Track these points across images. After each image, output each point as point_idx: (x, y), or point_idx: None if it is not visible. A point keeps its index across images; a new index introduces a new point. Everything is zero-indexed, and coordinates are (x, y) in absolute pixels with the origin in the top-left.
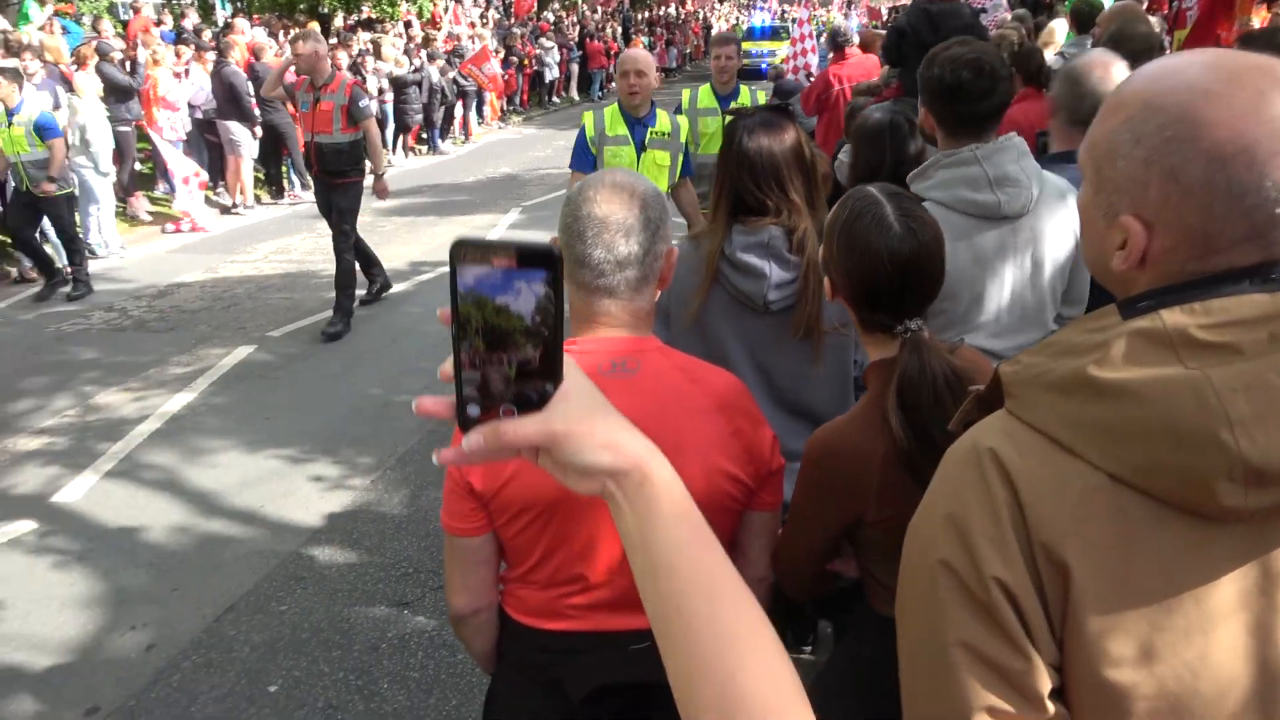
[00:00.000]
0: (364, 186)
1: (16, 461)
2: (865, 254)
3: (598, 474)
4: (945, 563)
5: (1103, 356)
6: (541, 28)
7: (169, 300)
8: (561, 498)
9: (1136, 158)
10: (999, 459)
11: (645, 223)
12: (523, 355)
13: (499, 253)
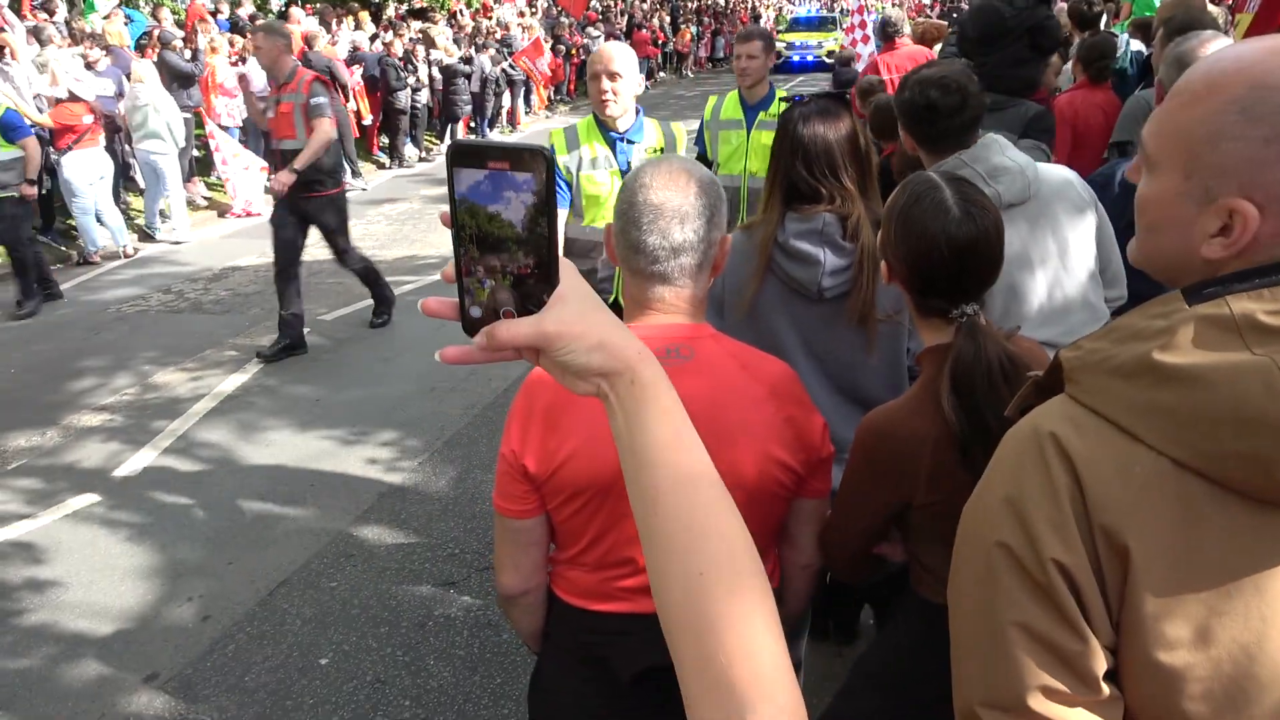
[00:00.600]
0: (345, 198)
1: (80, 437)
2: (922, 238)
3: (590, 374)
4: (1004, 544)
5: (1168, 342)
6: (590, 17)
7: (224, 284)
8: (615, 480)
9: (1254, 137)
10: (1060, 443)
11: (701, 209)
12: (517, 260)
13: (493, 155)
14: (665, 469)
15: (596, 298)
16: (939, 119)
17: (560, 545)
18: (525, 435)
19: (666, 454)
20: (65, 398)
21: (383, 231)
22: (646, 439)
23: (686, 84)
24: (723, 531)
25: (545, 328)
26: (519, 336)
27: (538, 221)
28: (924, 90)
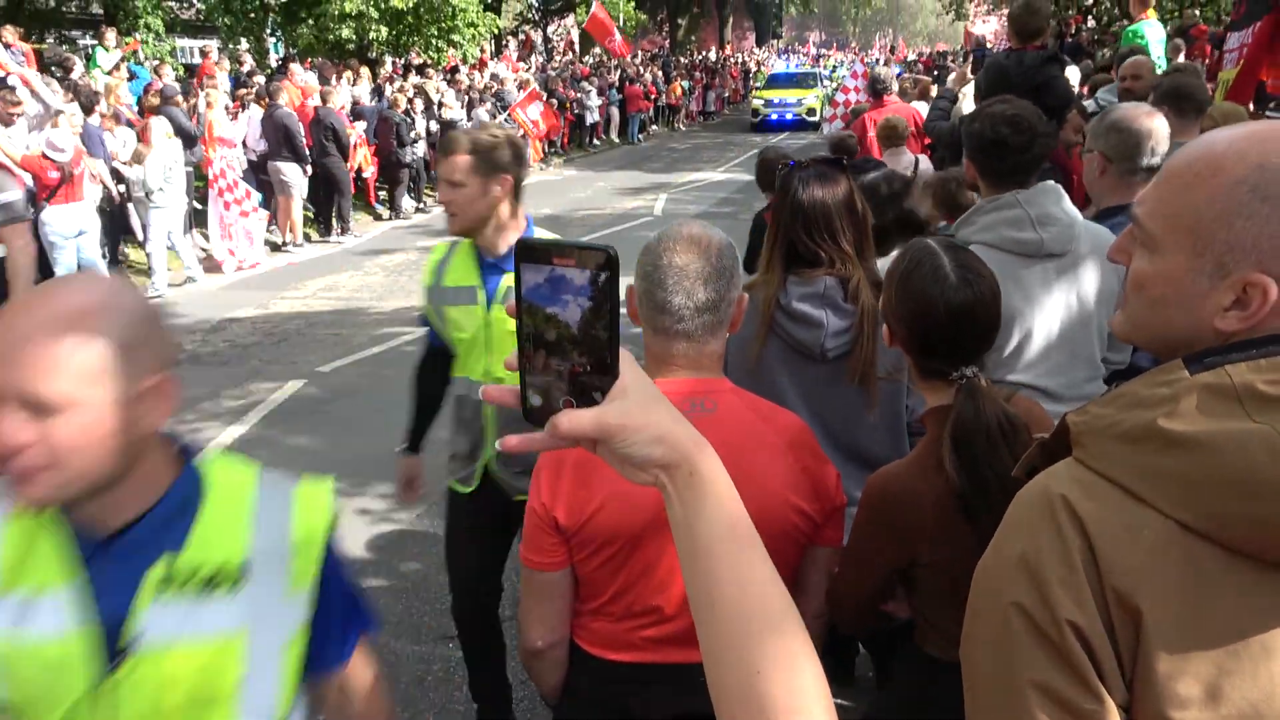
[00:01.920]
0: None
1: None
2: (921, 302)
3: (650, 466)
4: (1019, 604)
5: (1172, 409)
6: (581, 72)
7: (222, 335)
8: (645, 530)
9: (1267, 215)
10: (1071, 505)
11: (721, 270)
12: (581, 350)
13: (561, 253)
14: (724, 560)
15: (657, 390)
16: (1007, 154)
17: (584, 597)
18: (555, 488)
19: (724, 545)
20: None
21: (379, 282)
22: (705, 529)
23: (679, 136)
24: (780, 628)
25: (608, 420)
26: (583, 428)
27: (600, 315)
28: (995, 125)
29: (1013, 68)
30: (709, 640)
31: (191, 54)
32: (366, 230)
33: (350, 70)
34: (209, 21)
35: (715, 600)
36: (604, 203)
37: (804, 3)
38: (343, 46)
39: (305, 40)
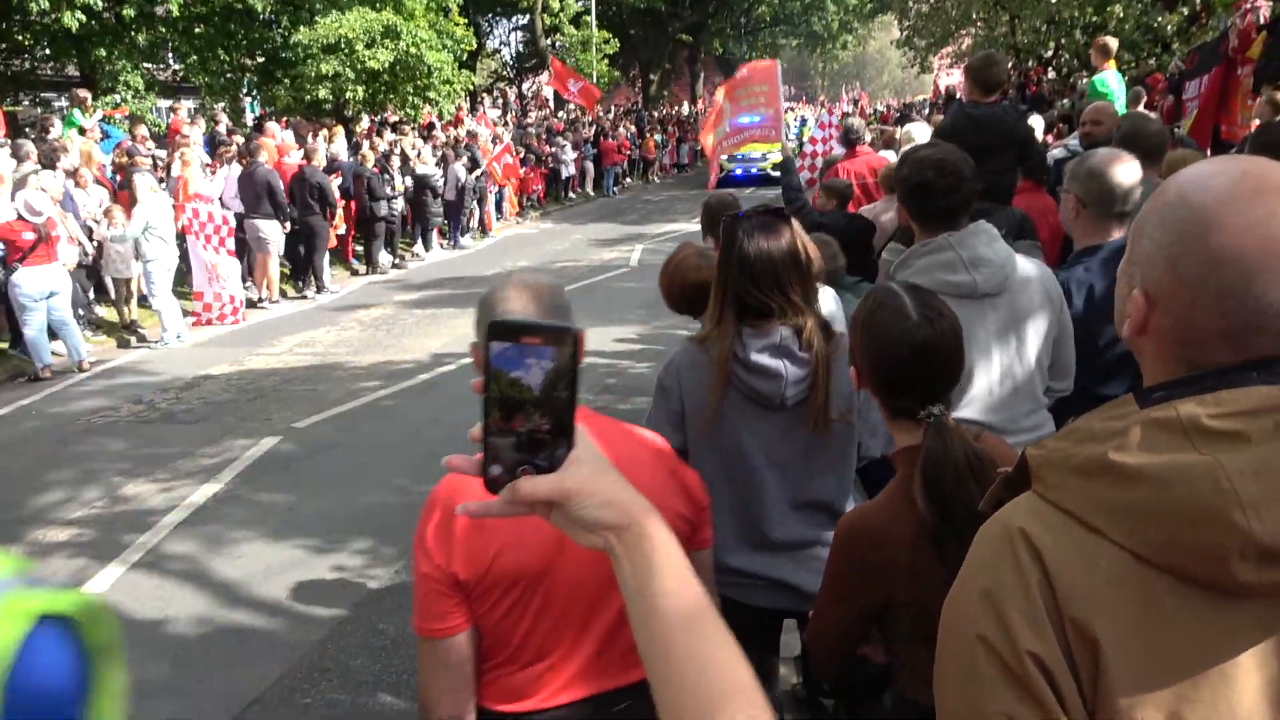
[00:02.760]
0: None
1: (45, 553)
2: (885, 341)
3: (600, 528)
4: (982, 637)
5: (1122, 443)
6: (555, 127)
7: (196, 392)
8: (547, 567)
9: (1156, 240)
10: (1029, 538)
11: (555, 309)
12: (538, 423)
13: (528, 331)
14: (675, 615)
15: (607, 461)
16: (933, 197)
17: (488, 654)
18: (447, 546)
19: (673, 600)
20: (30, 513)
21: (356, 337)
22: (654, 587)
23: (653, 189)
24: (731, 666)
25: (565, 484)
26: (540, 492)
27: (558, 389)
28: (921, 169)
29: (993, 117)
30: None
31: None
32: (343, 285)
33: (326, 129)
34: (186, 82)
35: (668, 654)
36: (581, 254)
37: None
38: (319, 106)
39: (283, 100)
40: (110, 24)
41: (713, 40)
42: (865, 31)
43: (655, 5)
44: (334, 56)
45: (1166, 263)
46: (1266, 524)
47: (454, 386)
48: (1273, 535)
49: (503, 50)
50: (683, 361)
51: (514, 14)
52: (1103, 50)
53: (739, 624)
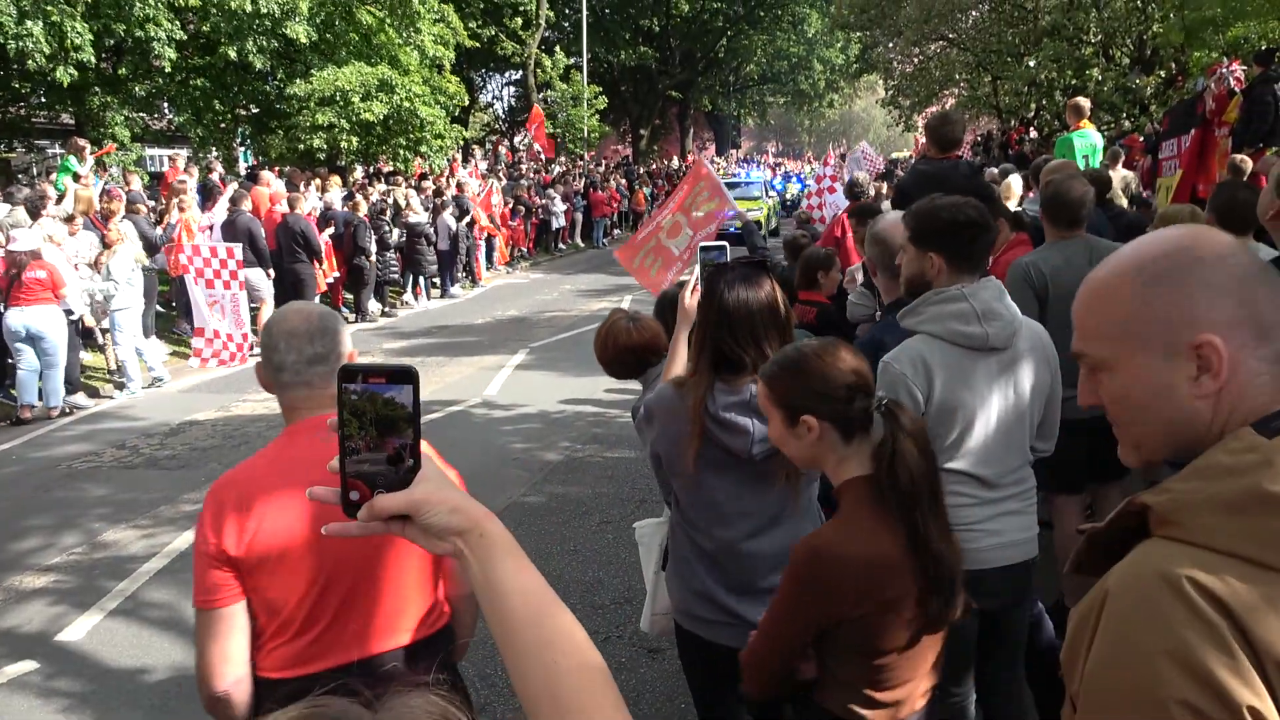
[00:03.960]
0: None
1: (22, 600)
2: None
3: (448, 534)
4: (1185, 703)
5: (1273, 472)
6: (545, 180)
7: (181, 438)
8: (308, 541)
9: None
10: (1202, 586)
11: (325, 330)
12: (388, 448)
13: (373, 372)
14: (516, 595)
15: (449, 477)
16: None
17: (263, 626)
18: (219, 526)
19: (514, 582)
20: (9, 558)
21: None
22: (497, 575)
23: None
24: (565, 627)
25: (414, 497)
26: (394, 505)
27: (404, 419)
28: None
29: (949, 173)
30: (513, 653)
31: (160, 162)
32: None
33: (319, 178)
34: (180, 133)
35: (512, 624)
36: (570, 304)
37: (761, 115)
38: (313, 155)
39: (276, 150)
40: (107, 75)
41: (702, 97)
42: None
43: (646, 62)
44: (330, 108)
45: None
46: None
47: (440, 435)
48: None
49: (495, 104)
50: (658, 406)
51: (506, 69)
52: (1075, 110)
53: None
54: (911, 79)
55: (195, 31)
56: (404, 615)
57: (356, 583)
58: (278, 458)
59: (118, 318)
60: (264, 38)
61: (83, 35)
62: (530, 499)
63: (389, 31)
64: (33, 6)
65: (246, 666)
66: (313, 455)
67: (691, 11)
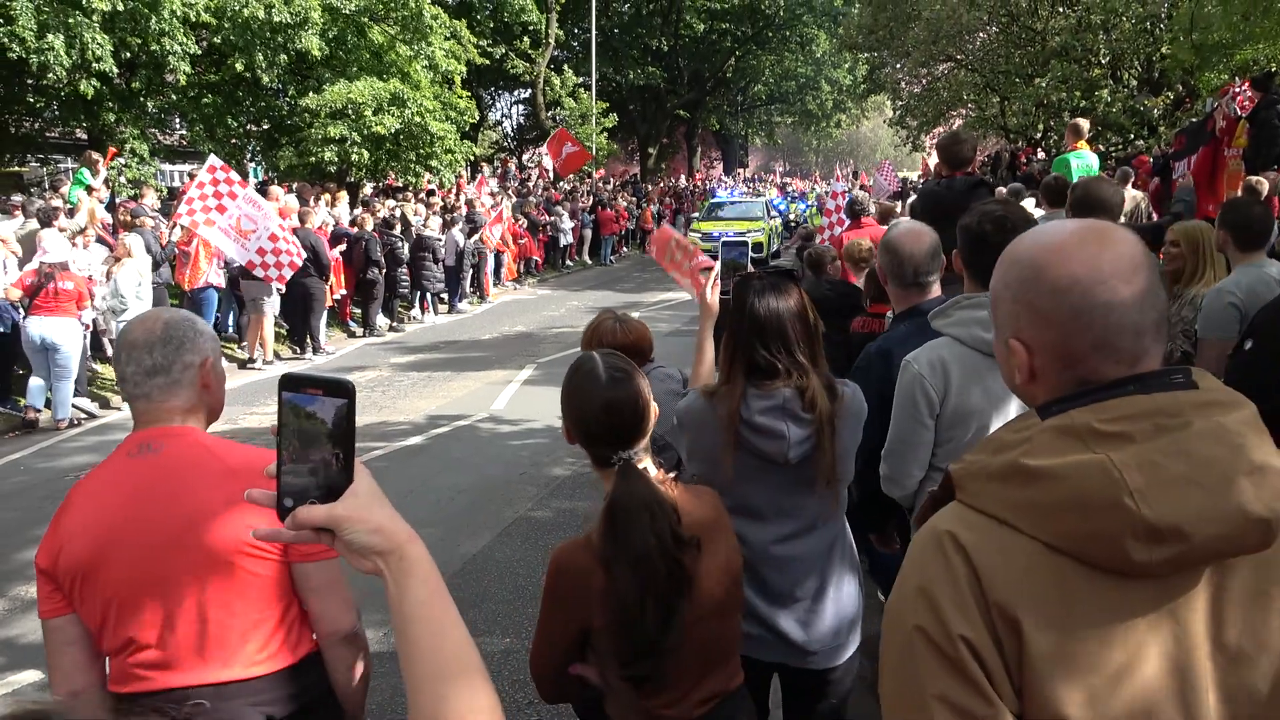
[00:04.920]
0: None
1: (26, 609)
2: (580, 398)
3: (369, 553)
4: (919, 628)
5: (1029, 449)
6: (554, 197)
7: None
8: (98, 562)
9: (1009, 298)
10: (955, 538)
11: (167, 339)
12: (321, 457)
13: (312, 384)
14: (420, 623)
15: (382, 495)
16: (986, 250)
17: (97, 639)
18: (47, 537)
19: (423, 610)
20: (14, 567)
21: None
22: (409, 601)
23: (649, 259)
24: (462, 663)
25: (336, 512)
26: (315, 518)
27: (338, 430)
28: (982, 222)
29: (944, 193)
30: (411, 679)
31: (173, 178)
32: (339, 347)
33: (328, 193)
34: (192, 147)
35: (414, 655)
36: (577, 320)
37: (768, 135)
38: (323, 169)
39: (287, 161)
40: (120, 90)
41: (710, 117)
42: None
43: (654, 82)
44: (341, 120)
45: (1026, 311)
46: (1152, 506)
47: (446, 449)
48: (1158, 515)
49: (504, 122)
50: (688, 418)
51: (516, 88)
52: (1074, 131)
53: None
54: (919, 99)
55: (209, 47)
56: (226, 647)
57: (155, 610)
58: (95, 473)
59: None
60: (275, 52)
61: (103, 46)
62: (537, 513)
63: (400, 49)
64: (54, 19)
65: (81, 681)
66: (113, 475)
67: (700, 32)
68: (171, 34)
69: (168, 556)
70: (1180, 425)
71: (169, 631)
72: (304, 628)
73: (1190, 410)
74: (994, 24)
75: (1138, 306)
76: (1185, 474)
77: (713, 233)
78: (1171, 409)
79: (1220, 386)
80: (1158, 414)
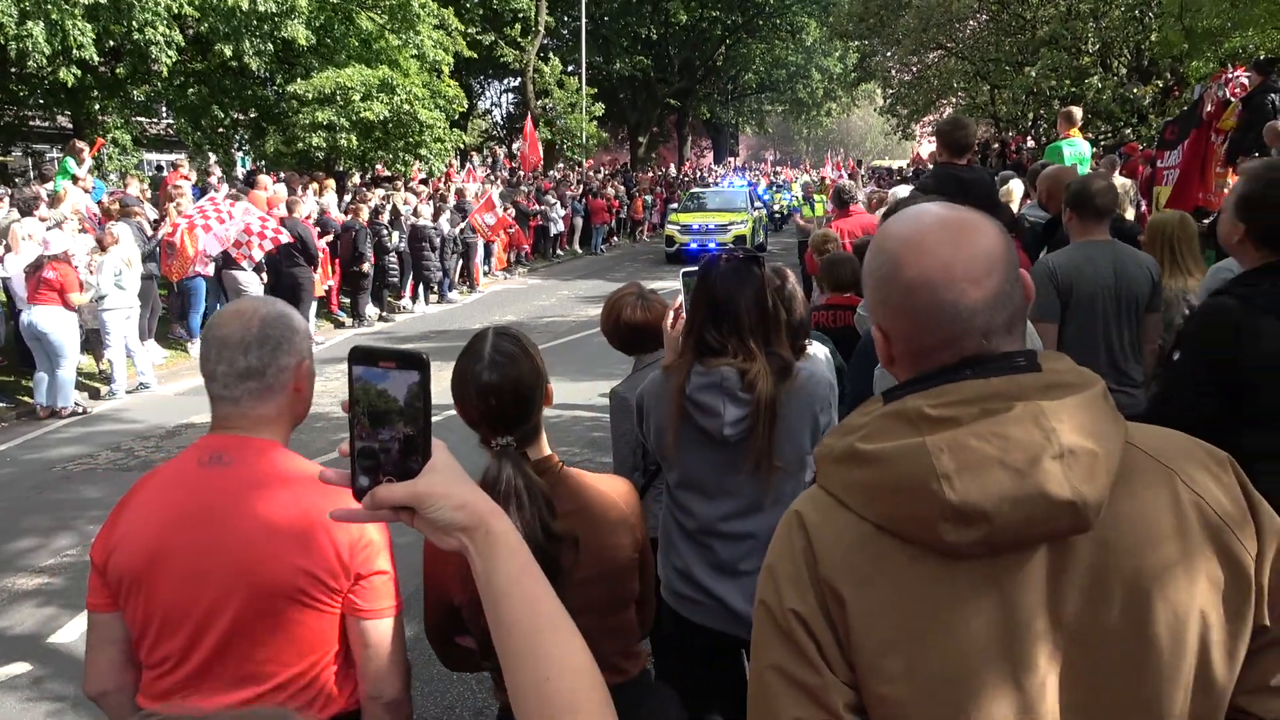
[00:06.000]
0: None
1: (14, 601)
2: (462, 381)
3: (453, 530)
4: (762, 601)
5: (865, 433)
6: (544, 186)
7: (177, 441)
8: (143, 574)
9: (872, 287)
10: (801, 517)
11: (263, 339)
12: (397, 433)
13: (384, 356)
14: (515, 598)
15: (462, 470)
16: None
17: (136, 644)
18: (104, 529)
19: (514, 586)
20: (1, 559)
21: (340, 388)
22: (499, 576)
23: (640, 248)
24: (562, 639)
25: (418, 489)
26: (396, 496)
27: (413, 404)
28: None
29: (966, 175)
30: (507, 659)
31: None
32: (328, 338)
33: (316, 182)
34: (177, 137)
35: (509, 626)
36: (567, 310)
37: (759, 123)
38: (310, 156)
39: (273, 149)
40: (105, 78)
41: (700, 105)
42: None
43: (644, 71)
44: (329, 106)
45: (882, 303)
46: (958, 490)
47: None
48: (963, 499)
49: (494, 111)
50: (649, 391)
51: (505, 76)
52: (1066, 118)
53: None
54: (910, 88)
55: (194, 36)
56: (259, 686)
57: (196, 632)
58: (164, 471)
59: (105, 318)
60: (261, 40)
61: (85, 34)
62: None
63: (388, 38)
64: (34, 7)
65: (113, 682)
66: (178, 480)
67: (690, 20)
68: (154, 23)
69: (213, 587)
70: (1004, 408)
71: (203, 660)
72: (347, 681)
73: (1030, 393)
74: (984, 12)
75: (987, 309)
76: (994, 456)
77: (692, 225)
78: (1007, 392)
79: (1071, 368)
80: (991, 398)
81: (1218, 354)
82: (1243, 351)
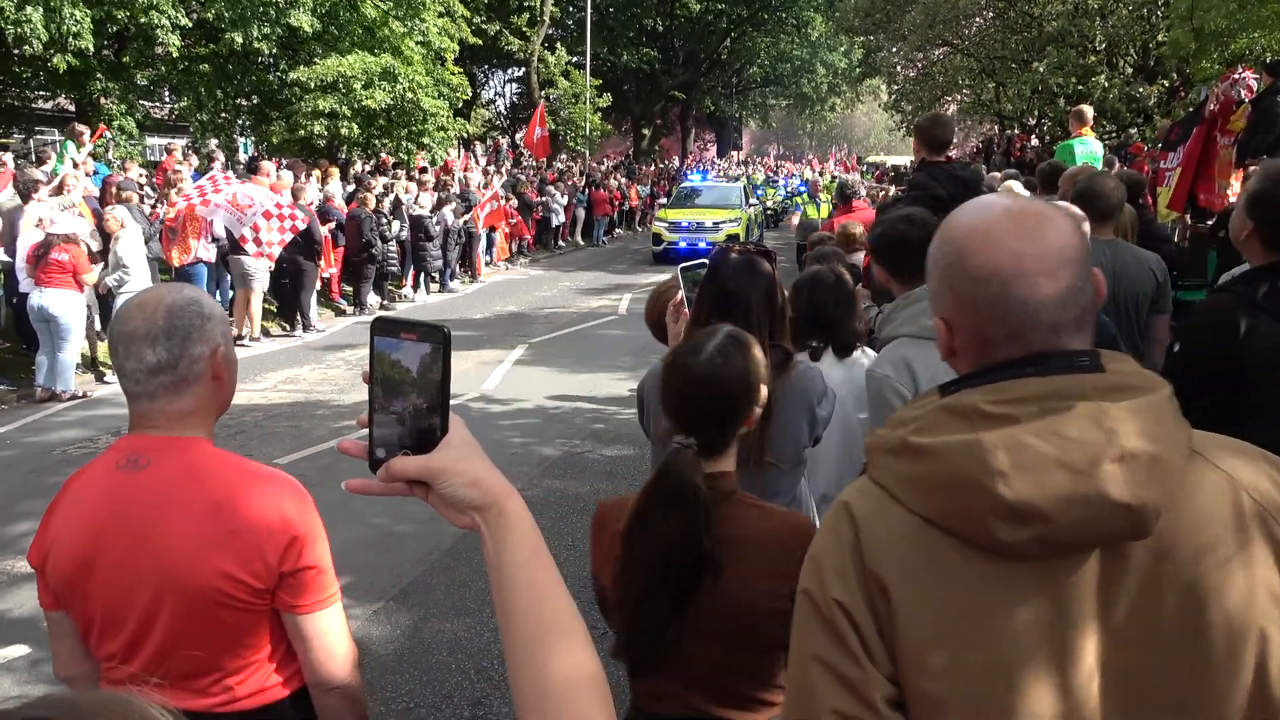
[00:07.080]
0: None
1: (13, 583)
2: (670, 366)
3: (466, 507)
4: (805, 591)
5: (920, 426)
6: (549, 178)
7: None
8: (76, 575)
9: (935, 277)
10: (849, 508)
11: (171, 330)
12: (415, 406)
13: (405, 328)
14: (522, 584)
15: (477, 446)
16: (910, 250)
17: (84, 643)
18: (36, 540)
19: (523, 571)
20: (0, 542)
21: (341, 376)
22: (507, 559)
23: (642, 240)
24: (565, 628)
25: (432, 464)
26: (409, 470)
27: (431, 375)
28: (895, 225)
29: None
30: (509, 641)
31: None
32: (329, 325)
33: (320, 169)
34: (180, 121)
35: (513, 612)
36: (569, 301)
37: (762, 117)
38: (313, 143)
39: (277, 137)
40: (109, 62)
41: (704, 98)
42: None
43: (649, 62)
44: (332, 94)
45: (947, 292)
46: (1014, 488)
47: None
48: (1018, 497)
49: (498, 101)
50: (650, 381)
51: (509, 65)
52: (1078, 117)
53: None
54: (915, 84)
55: (199, 19)
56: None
57: (135, 634)
58: (85, 475)
59: (119, 302)
60: (268, 26)
61: (81, 22)
62: (528, 493)
63: (393, 25)
64: None
65: (78, 669)
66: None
67: (696, 12)
68: (159, 7)
69: (145, 591)
70: (1065, 408)
71: (148, 659)
72: (293, 665)
73: (1093, 393)
74: (990, 9)
75: (1058, 304)
76: (1052, 456)
77: (681, 222)
78: (1068, 391)
79: (1136, 370)
80: (1051, 396)
81: (1218, 350)
82: (1243, 348)
